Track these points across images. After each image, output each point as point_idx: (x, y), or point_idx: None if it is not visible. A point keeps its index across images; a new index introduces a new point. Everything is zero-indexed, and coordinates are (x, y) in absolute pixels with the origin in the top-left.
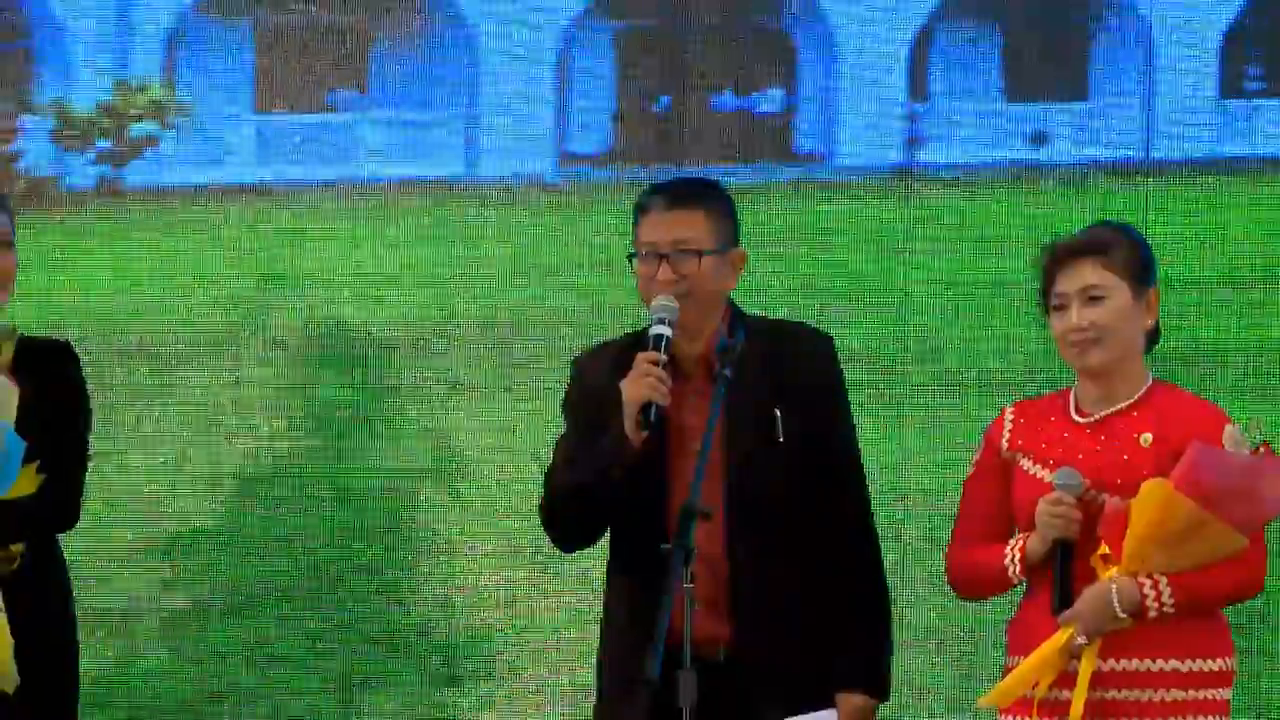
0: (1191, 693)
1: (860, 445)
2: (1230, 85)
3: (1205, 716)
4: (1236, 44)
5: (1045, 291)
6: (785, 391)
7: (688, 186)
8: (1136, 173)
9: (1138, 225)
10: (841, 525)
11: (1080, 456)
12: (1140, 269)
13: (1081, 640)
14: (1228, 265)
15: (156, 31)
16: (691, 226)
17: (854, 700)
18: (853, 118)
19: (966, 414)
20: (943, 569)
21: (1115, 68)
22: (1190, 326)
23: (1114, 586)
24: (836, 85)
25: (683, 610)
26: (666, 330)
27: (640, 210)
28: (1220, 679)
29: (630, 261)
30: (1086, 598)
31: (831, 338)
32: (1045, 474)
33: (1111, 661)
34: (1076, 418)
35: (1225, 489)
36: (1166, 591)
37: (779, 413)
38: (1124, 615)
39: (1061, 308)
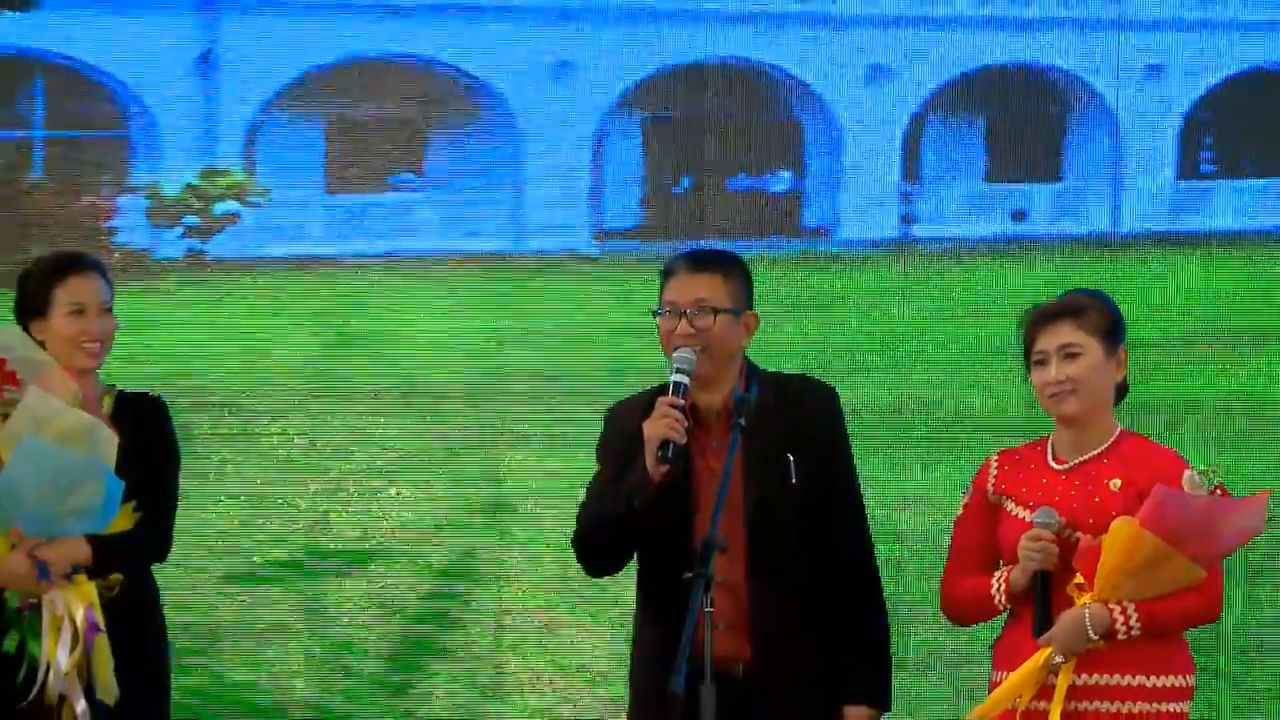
0: (1155, 705)
1: (862, 488)
2: (1187, 168)
3: None
4: (1192, 133)
5: (1027, 350)
6: (797, 439)
7: (709, 253)
8: (1105, 245)
9: (1107, 291)
10: (847, 560)
11: (1057, 499)
12: (1110, 329)
13: (1059, 659)
14: (1187, 327)
15: (238, 122)
16: (710, 287)
17: (860, 712)
18: (853, 197)
19: (958, 461)
20: (936, 598)
21: (1086, 152)
22: (1155, 382)
23: (1087, 612)
24: (839, 168)
25: (703, 631)
26: (685, 378)
27: (666, 274)
28: (1180, 694)
29: (654, 318)
30: (1063, 621)
31: (835, 391)
32: (1027, 514)
33: (1085, 676)
34: (1054, 464)
35: (1185, 527)
36: (1134, 616)
37: (791, 458)
38: (1096, 637)
39: (1041, 363)
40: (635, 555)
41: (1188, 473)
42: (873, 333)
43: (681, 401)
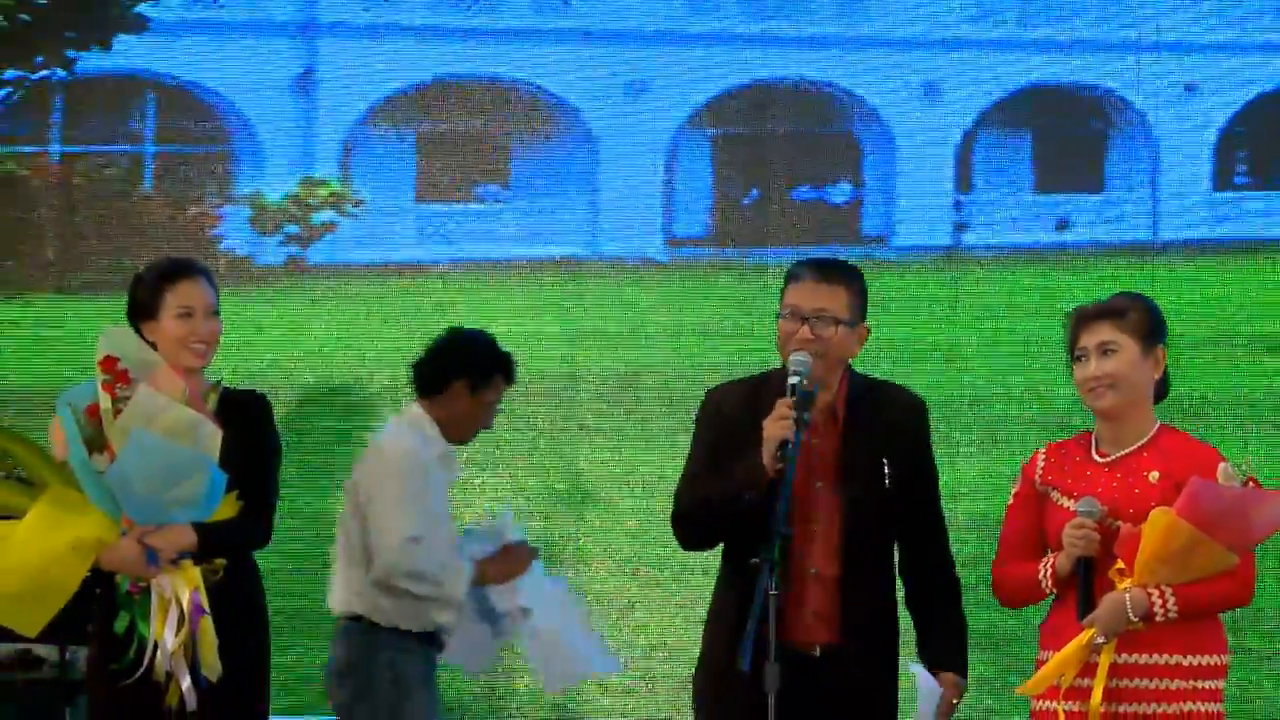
0: (1190, 683)
1: None
2: (1222, 179)
3: (1200, 703)
4: (1227, 145)
5: (1071, 347)
6: (890, 446)
7: (835, 265)
8: (1144, 252)
9: (1146, 295)
10: (933, 556)
11: (1099, 490)
12: (1149, 330)
13: (1101, 640)
14: (1221, 330)
15: (335, 137)
16: (833, 298)
17: (951, 677)
18: (909, 206)
19: (1006, 455)
20: (984, 582)
21: (1127, 165)
22: (1189, 381)
23: (1128, 596)
24: (895, 179)
25: (769, 612)
26: (801, 381)
27: (792, 278)
28: (1215, 672)
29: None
30: (1105, 604)
31: (926, 403)
32: (1071, 504)
33: (1125, 655)
34: (1096, 458)
35: (1219, 515)
36: (1171, 600)
37: (885, 463)
38: (1136, 619)
39: (1081, 359)
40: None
41: (1222, 465)
42: (925, 333)
43: (791, 403)
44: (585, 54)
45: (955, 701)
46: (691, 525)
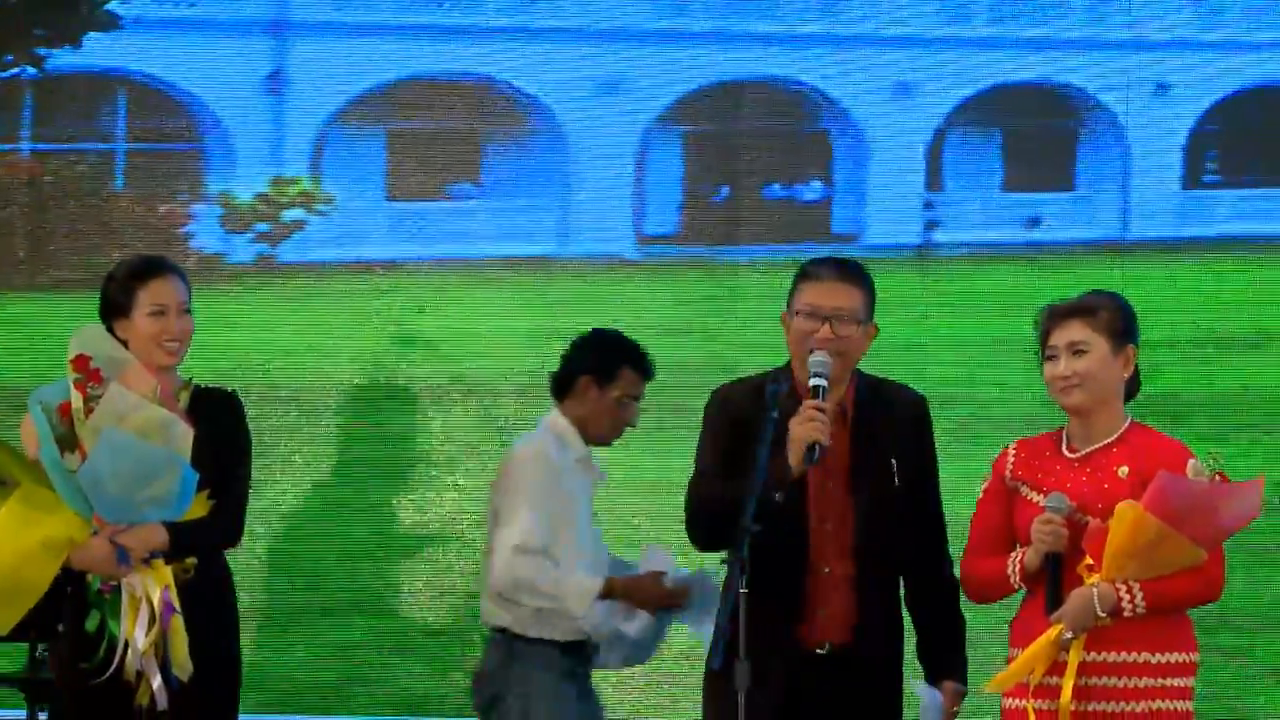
0: (1159, 680)
1: None
2: (1193, 178)
3: (1170, 701)
4: (1198, 144)
5: (1042, 344)
6: (896, 444)
7: (852, 264)
8: (1115, 250)
9: (1117, 293)
10: (933, 555)
11: (1068, 485)
12: (1120, 329)
13: (1069, 635)
14: (1192, 328)
15: (306, 135)
16: (852, 298)
17: (953, 685)
18: (879, 205)
19: (977, 453)
20: (958, 577)
21: (1097, 163)
22: (1161, 379)
23: (1095, 591)
24: (866, 178)
25: (739, 610)
26: (824, 381)
27: (807, 277)
28: (1184, 670)
29: (790, 317)
30: (1073, 600)
31: (926, 399)
32: (1041, 499)
33: (1095, 653)
34: (1067, 453)
35: (1186, 510)
36: (1139, 595)
37: (895, 462)
38: (1103, 614)
39: (1052, 358)
40: None
41: (1191, 461)
42: (896, 331)
43: (822, 404)
44: (556, 52)
45: (955, 710)
46: (707, 526)
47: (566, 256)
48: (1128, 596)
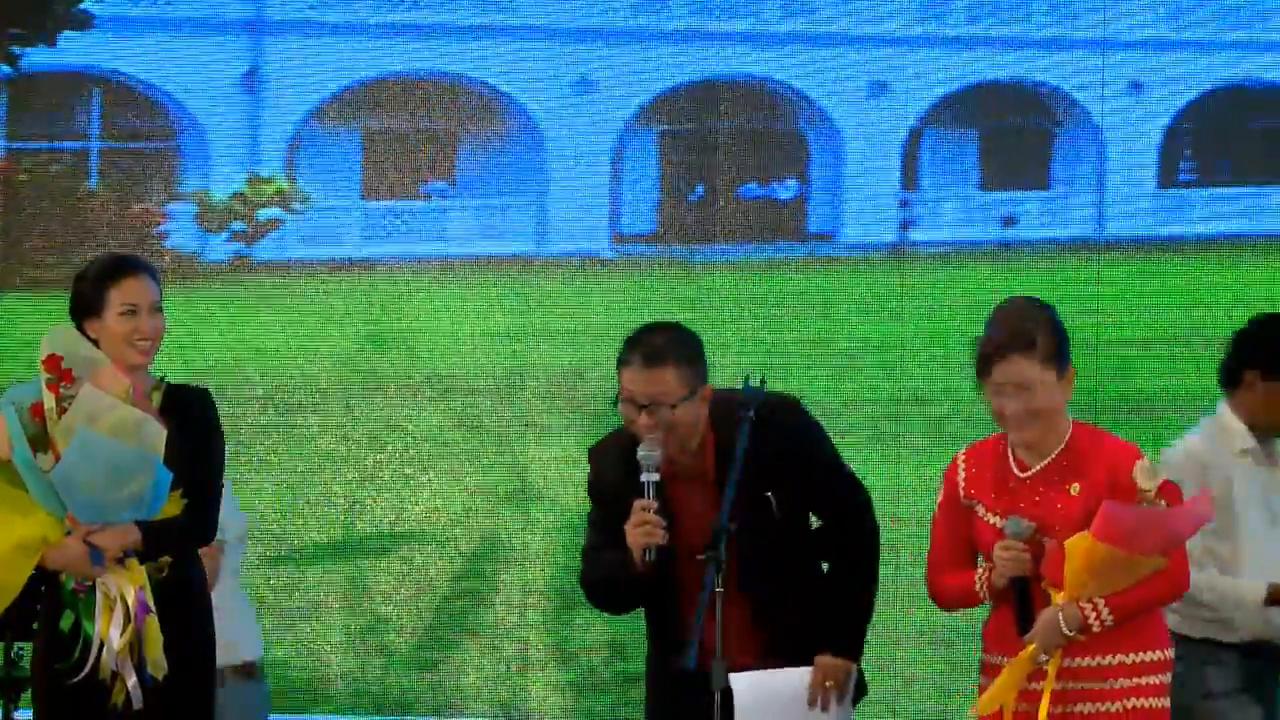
0: (1135, 680)
1: (862, 475)
2: (1168, 177)
3: (1145, 699)
4: (1172, 143)
5: (981, 371)
6: (773, 479)
7: (657, 347)
8: (1091, 249)
9: (1090, 293)
10: (841, 529)
11: (1022, 506)
12: (1058, 354)
13: (1044, 657)
14: (1167, 326)
15: (281, 135)
16: (661, 383)
17: (829, 660)
18: (855, 204)
19: (951, 450)
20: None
21: (1073, 162)
22: (1136, 378)
23: (1061, 613)
24: (842, 177)
25: (715, 610)
26: (655, 477)
27: (621, 363)
28: (1159, 666)
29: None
30: (1040, 622)
31: (797, 401)
32: (998, 521)
33: (1071, 659)
34: (1017, 472)
35: (1133, 534)
36: (1105, 610)
37: (771, 496)
38: (1071, 633)
39: (999, 394)
40: None
41: (1139, 463)
42: (873, 331)
43: (656, 504)
44: (532, 51)
45: (829, 683)
46: (597, 600)
47: (542, 255)
48: (1094, 614)
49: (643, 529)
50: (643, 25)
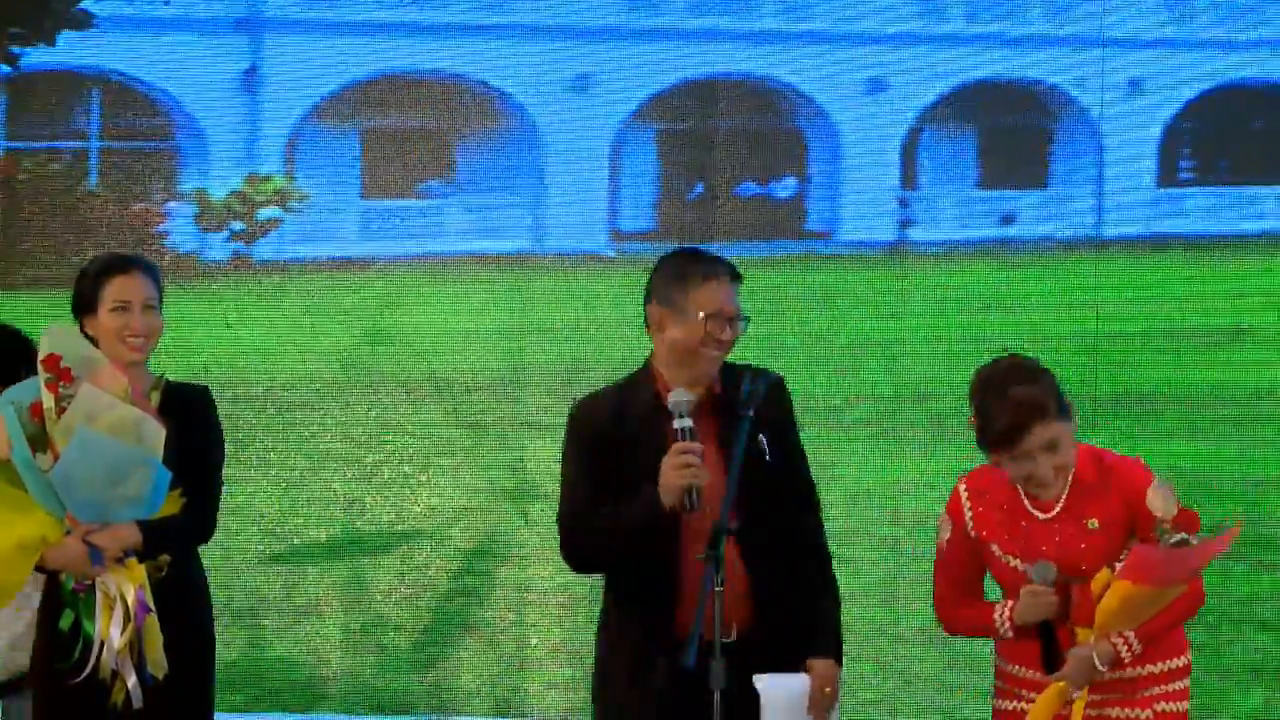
0: (1163, 686)
1: (861, 473)
2: (1167, 175)
3: (1170, 703)
4: (1171, 142)
5: (1002, 446)
6: (764, 423)
7: (732, 265)
8: (1089, 248)
9: (1088, 291)
10: (809, 531)
11: (1043, 548)
12: (1064, 405)
13: (1075, 694)
14: (1165, 323)
15: (280, 133)
16: (735, 298)
17: (824, 665)
18: (854, 202)
19: (952, 450)
20: (930, 576)
21: (1071, 161)
22: (1135, 375)
23: (1095, 652)
24: (840, 175)
25: (713, 611)
26: (688, 422)
27: (703, 277)
28: (1181, 672)
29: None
30: (1073, 662)
31: (783, 378)
32: (1018, 563)
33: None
34: (1033, 511)
35: (1165, 573)
36: (1135, 642)
37: (763, 437)
38: (1104, 669)
39: (1026, 459)
40: None
41: (1152, 488)
42: (871, 328)
43: (694, 445)
44: (530, 49)
45: (828, 689)
46: (590, 556)
47: (541, 253)
48: (1125, 647)
49: (688, 469)
50: (641, 23)
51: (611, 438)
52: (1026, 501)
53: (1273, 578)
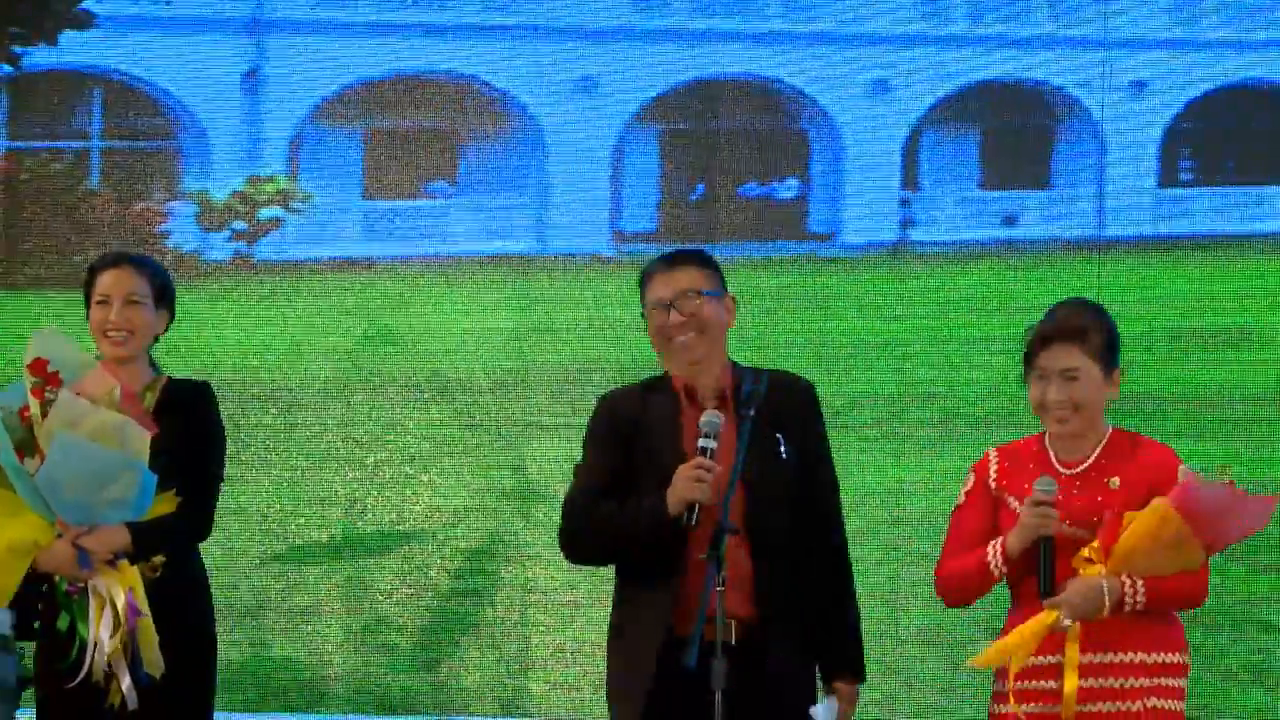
0: (1153, 680)
1: (863, 473)
2: (1168, 176)
3: (1163, 700)
4: (1173, 142)
5: (1029, 361)
6: (782, 419)
7: (680, 252)
8: (1091, 248)
9: (1091, 293)
10: (828, 537)
11: (1062, 498)
12: (1108, 351)
13: (1067, 622)
14: (1168, 325)
15: (282, 134)
16: (690, 278)
17: (849, 689)
18: (856, 203)
19: (955, 451)
20: (931, 575)
21: (1073, 162)
22: (1139, 377)
23: (1104, 582)
24: (842, 176)
25: (715, 610)
26: (713, 444)
27: (646, 278)
28: (1176, 670)
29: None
30: (1077, 587)
31: (813, 385)
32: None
33: (1091, 655)
34: (1059, 468)
35: (1208, 512)
36: (1140, 590)
37: (780, 436)
38: (1109, 605)
39: (1043, 379)
40: None
41: (1181, 468)
42: (873, 330)
43: (716, 466)
44: (533, 50)
45: (849, 710)
46: (587, 547)
47: (543, 254)
48: (1131, 590)
49: (699, 484)
50: (644, 24)
51: (630, 430)
52: (1055, 460)
53: (1272, 579)
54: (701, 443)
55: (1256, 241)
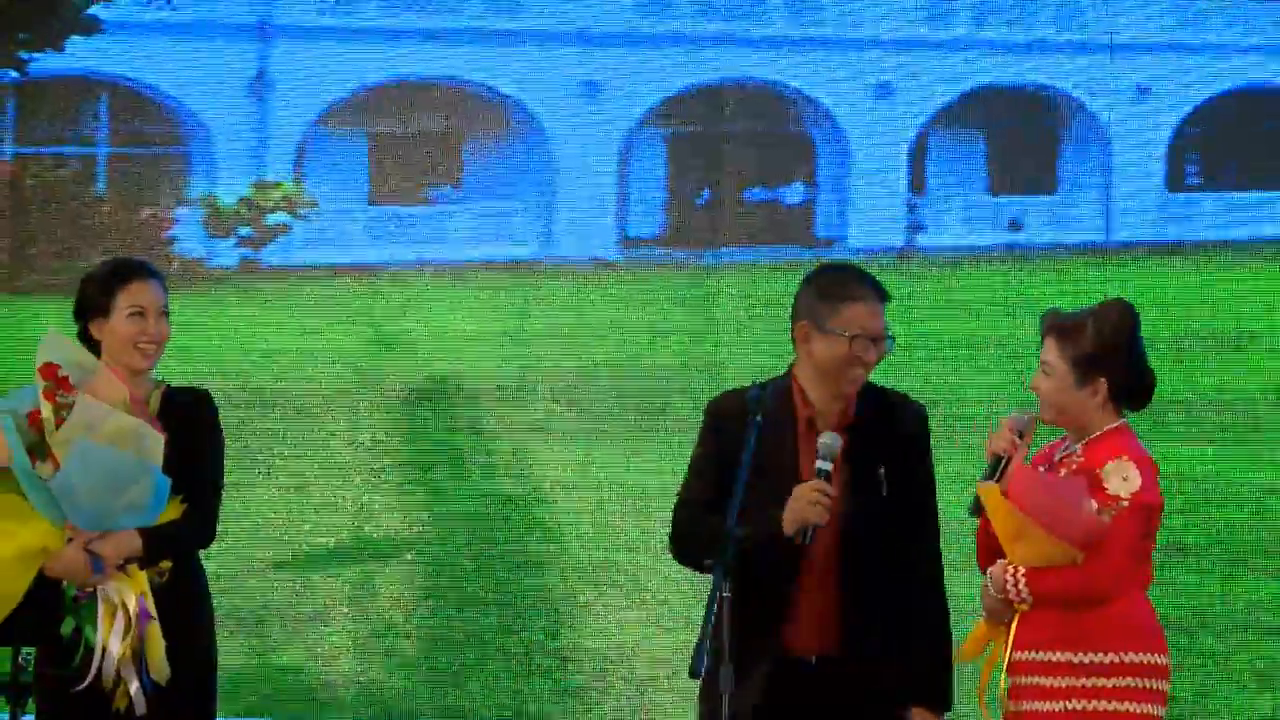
0: (1081, 680)
1: None
2: (1175, 180)
3: (1090, 701)
4: (1180, 147)
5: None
6: (889, 451)
7: (879, 283)
8: (1098, 253)
9: (1097, 297)
10: (921, 567)
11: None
12: (1089, 359)
13: (984, 615)
14: (1173, 329)
15: (288, 139)
16: (884, 317)
17: (924, 713)
18: (863, 207)
19: (959, 455)
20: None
21: (1080, 166)
22: None
23: (989, 571)
24: (849, 180)
25: (723, 616)
26: (829, 466)
27: (847, 294)
28: (1113, 670)
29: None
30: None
31: (926, 410)
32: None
33: (1021, 652)
34: (1060, 468)
35: (1033, 497)
36: (1021, 581)
37: (882, 470)
38: (995, 594)
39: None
40: None
41: (1111, 463)
42: None
43: (829, 488)
44: (539, 55)
45: None
46: (692, 552)
47: (549, 259)
48: (1012, 581)
49: (818, 507)
50: (649, 29)
51: (737, 432)
52: (1063, 469)
53: (1278, 585)
54: (819, 465)
55: (1263, 245)
